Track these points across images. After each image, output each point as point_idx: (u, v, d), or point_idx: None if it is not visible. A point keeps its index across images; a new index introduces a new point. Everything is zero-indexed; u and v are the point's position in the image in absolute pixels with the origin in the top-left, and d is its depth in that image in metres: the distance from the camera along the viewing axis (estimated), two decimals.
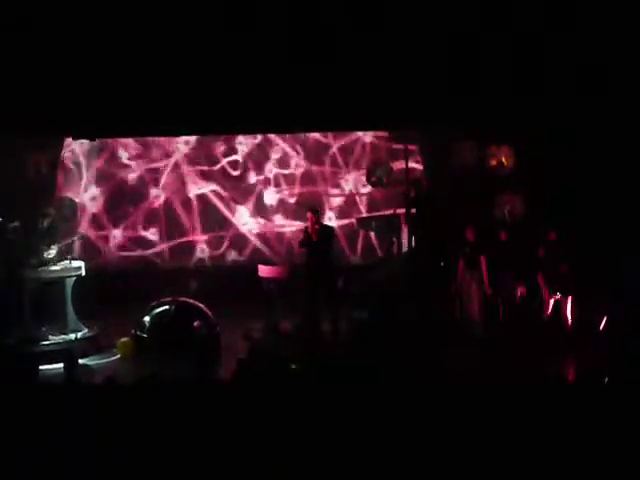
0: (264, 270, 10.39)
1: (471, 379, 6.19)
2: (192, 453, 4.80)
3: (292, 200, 12.58)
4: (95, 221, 12.35)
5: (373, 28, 7.35)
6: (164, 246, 12.49)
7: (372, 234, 12.06)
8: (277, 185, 12.63)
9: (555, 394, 5.39)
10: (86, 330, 9.95)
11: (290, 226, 12.55)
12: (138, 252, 12.46)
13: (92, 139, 10.44)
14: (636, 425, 4.89)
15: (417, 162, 11.86)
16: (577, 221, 9.52)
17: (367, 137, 12.32)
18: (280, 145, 12.55)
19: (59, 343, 9.47)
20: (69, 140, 11.22)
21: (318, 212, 10.07)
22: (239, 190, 12.57)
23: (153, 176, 12.35)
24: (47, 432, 4.99)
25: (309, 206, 10.33)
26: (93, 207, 12.25)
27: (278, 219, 12.68)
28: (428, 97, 7.98)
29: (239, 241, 12.66)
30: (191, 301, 9.66)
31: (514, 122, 8.88)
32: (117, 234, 12.35)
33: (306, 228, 9.81)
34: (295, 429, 4.95)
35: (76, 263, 9.98)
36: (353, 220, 12.17)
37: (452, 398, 5.25)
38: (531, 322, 9.39)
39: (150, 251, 12.52)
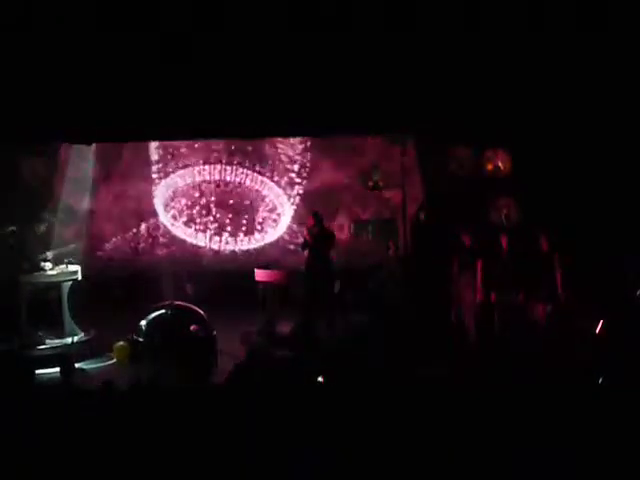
0: (261, 274, 10.39)
1: (465, 382, 6.20)
2: (188, 457, 4.80)
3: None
4: None
5: (370, 28, 7.37)
6: None
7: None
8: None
9: (550, 396, 5.42)
10: (82, 334, 9.94)
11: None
12: None
13: (88, 144, 10.42)
14: (632, 426, 4.92)
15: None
16: (575, 225, 9.52)
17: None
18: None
19: (55, 347, 9.47)
20: None
21: (319, 215, 10.05)
22: None
23: None
24: (43, 436, 4.98)
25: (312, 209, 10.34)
26: None
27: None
28: (426, 99, 8.01)
29: None
30: (188, 305, 9.64)
31: (512, 124, 8.92)
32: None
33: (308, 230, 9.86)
34: (293, 433, 4.95)
35: (72, 267, 9.97)
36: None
37: (449, 401, 5.28)
38: (527, 327, 9.39)
39: None
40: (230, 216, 12.73)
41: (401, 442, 4.84)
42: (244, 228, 12.76)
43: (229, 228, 12.78)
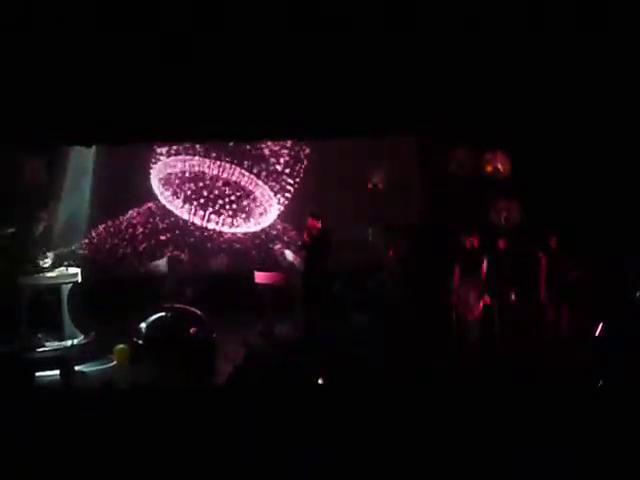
0: (261, 276, 10.39)
1: (465, 382, 6.20)
2: (188, 458, 4.79)
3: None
4: None
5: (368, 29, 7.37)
6: None
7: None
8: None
9: (550, 396, 5.42)
10: (82, 337, 9.93)
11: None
12: None
13: (88, 146, 10.42)
14: (632, 426, 4.92)
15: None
16: (576, 225, 9.53)
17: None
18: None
19: (55, 350, 9.46)
20: None
21: (318, 216, 10.02)
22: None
23: None
24: (43, 438, 4.98)
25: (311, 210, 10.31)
26: None
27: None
28: (426, 100, 8.01)
29: None
30: (188, 308, 9.64)
31: (512, 126, 8.93)
32: None
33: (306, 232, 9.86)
34: (292, 433, 4.94)
35: (72, 270, 9.96)
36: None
37: (449, 401, 5.27)
38: (529, 328, 9.40)
39: None
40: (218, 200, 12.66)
41: (401, 442, 4.84)
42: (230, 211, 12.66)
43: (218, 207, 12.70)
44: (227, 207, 12.61)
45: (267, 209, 12.64)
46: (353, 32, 7.32)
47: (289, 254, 11.96)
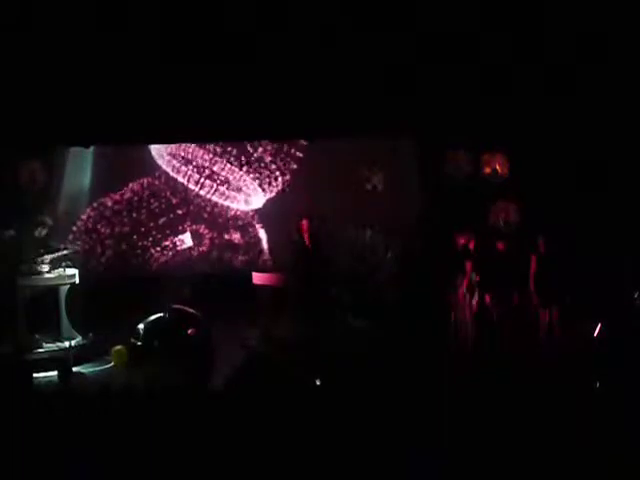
0: (259, 277, 10.38)
1: (467, 383, 6.21)
2: (187, 459, 4.78)
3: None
4: None
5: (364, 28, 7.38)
6: None
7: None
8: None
9: (550, 396, 5.43)
10: (80, 338, 9.91)
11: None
12: None
13: (86, 146, 10.42)
14: (632, 426, 4.92)
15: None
16: (574, 226, 9.53)
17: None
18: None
19: (53, 351, 9.44)
20: None
21: (310, 219, 10.01)
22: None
23: None
24: (41, 440, 4.97)
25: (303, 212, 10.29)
26: None
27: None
28: (426, 101, 8.03)
29: None
30: (186, 308, 9.63)
31: (510, 127, 8.94)
32: None
33: (300, 235, 9.83)
34: (292, 437, 4.94)
35: (70, 271, 9.94)
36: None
37: (449, 401, 5.27)
38: (528, 328, 9.39)
39: None
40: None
41: (401, 442, 4.83)
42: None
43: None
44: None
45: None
46: (353, 32, 7.33)
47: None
